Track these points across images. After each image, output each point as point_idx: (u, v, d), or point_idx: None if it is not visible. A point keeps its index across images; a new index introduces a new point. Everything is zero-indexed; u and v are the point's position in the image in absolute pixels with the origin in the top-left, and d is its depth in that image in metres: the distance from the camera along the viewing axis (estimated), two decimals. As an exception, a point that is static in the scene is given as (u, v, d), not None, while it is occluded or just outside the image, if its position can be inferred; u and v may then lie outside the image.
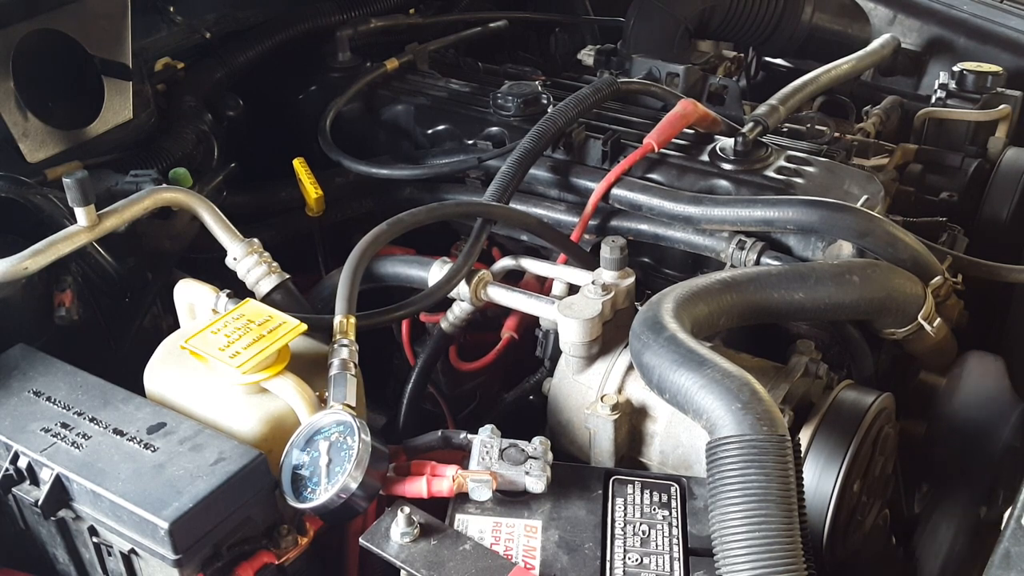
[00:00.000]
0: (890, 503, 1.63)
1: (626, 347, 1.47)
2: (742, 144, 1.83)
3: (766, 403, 1.14)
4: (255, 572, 1.23)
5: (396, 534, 1.20)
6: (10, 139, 1.73)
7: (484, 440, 1.31)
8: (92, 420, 1.29)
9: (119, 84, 1.91)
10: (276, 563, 1.25)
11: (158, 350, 1.44)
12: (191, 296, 1.47)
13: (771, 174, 1.80)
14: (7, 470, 1.27)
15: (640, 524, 1.24)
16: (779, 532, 1.05)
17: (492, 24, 2.68)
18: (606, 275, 1.54)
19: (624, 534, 1.23)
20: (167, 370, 1.40)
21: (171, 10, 2.23)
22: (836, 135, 2.07)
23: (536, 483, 1.27)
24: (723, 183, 1.81)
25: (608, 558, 1.20)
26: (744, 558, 1.04)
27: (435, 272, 1.64)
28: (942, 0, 2.56)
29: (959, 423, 1.64)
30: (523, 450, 1.30)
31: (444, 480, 1.27)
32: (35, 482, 1.27)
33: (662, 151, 1.86)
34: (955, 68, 2.29)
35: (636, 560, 1.19)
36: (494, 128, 2.05)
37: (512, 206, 1.79)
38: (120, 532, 1.21)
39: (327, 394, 1.31)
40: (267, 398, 1.33)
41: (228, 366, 1.29)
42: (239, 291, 1.48)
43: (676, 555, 1.20)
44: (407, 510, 1.20)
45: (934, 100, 2.28)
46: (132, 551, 1.23)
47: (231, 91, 2.24)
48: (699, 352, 1.22)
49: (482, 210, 1.72)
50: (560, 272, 1.66)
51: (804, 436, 1.39)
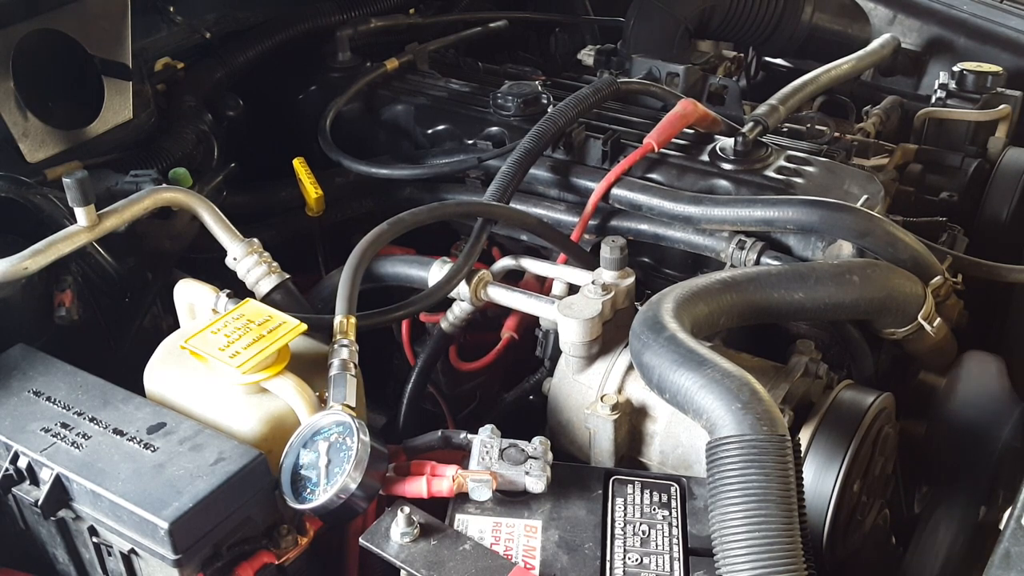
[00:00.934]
0: (890, 503, 1.63)
1: (626, 347, 1.47)
2: (742, 144, 1.83)
3: (766, 403, 1.14)
4: (255, 572, 1.23)
5: (396, 534, 1.20)
6: (10, 139, 1.73)
7: (484, 440, 1.31)
8: (92, 420, 1.29)
9: (119, 84, 1.91)
10: (276, 563, 1.25)
11: (158, 350, 1.44)
12: (191, 296, 1.47)
13: (771, 174, 1.80)
14: (7, 470, 1.27)
15: (640, 524, 1.24)
16: (779, 532, 1.05)
17: (492, 24, 2.68)
18: (606, 275, 1.54)
19: (624, 534, 1.23)
20: (167, 370, 1.40)
21: (171, 10, 2.23)
22: (836, 135, 2.07)
23: (536, 483, 1.27)
24: (723, 183, 1.81)
25: (608, 558, 1.20)
26: (744, 558, 1.04)
27: (435, 272, 1.64)
28: (942, 0, 2.56)
29: (959, 423, 1.63)
30: (523, 450, 1.30)
31: (444, 480, 1.27)
32: (35, 482, 1.27)
33: (662, 151, 1.86)
34: (955, 68, 2.29)
35: (636, 560, 1.19)
36: (494, 128, 2.05)
37: (512, 206, 1.79)
38: (120, 532, 1.21)
39: (327, 394, 1.31)
40: (267, 398, 1.33)
41: (228, 366, 1.29)
42: (239, 291, 1.48)
43: (676, 555, 1.20)
44: (407, 510, 1.20)
45: (934, 100, 2.28)
46: (132, 551, 1.23)
47: (231, 91, 2.24)
48: (699, 352, 1.22)
49: (482, 210, 1.72)
50: (560, 272, 1.66)
51: (804, 436, 1.39)
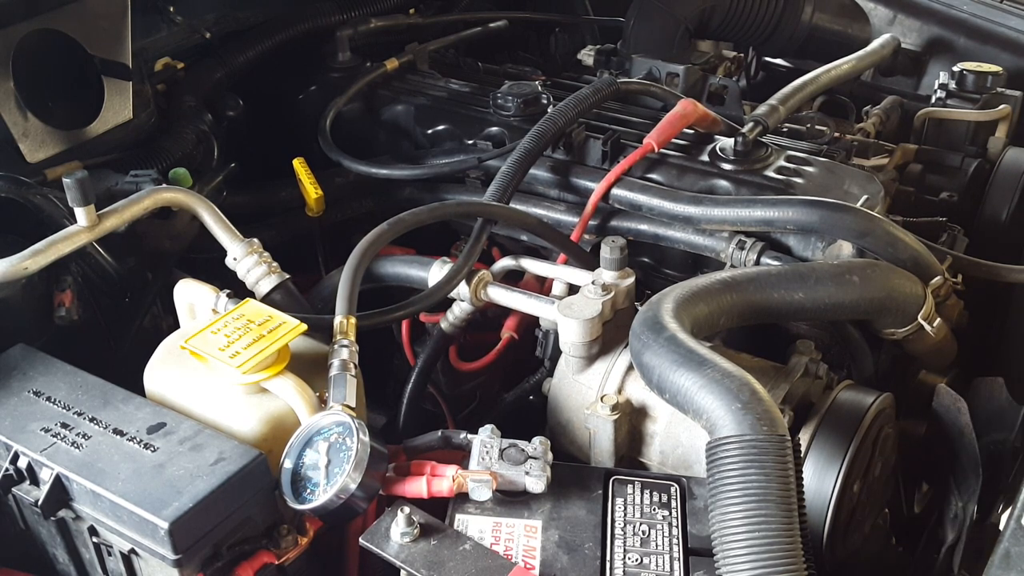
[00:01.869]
0: (890, 503, 1.63)
1: (626, 347, 1.47)
2: (742, 144, 1.83)
3: (766, 403, 1.14)
4: (255, 572, 1.23)
5: (396, 534, 1.20)
6: (10, 139, 1.73)
7: (484, 440, 1.31)
8: (92, 420, 1.29)
9: (119, 84, 1.91)
10: (276, 563, 1.25)
11: (158, 350, 1.44)
12: (191, 296, 1.47)
13: (771, 174, 1.80)
14: (7, 470, 1.27)
15: (640, 524, 1.24)
16: (779, 532, 1.05)
17: (492, 24, 2.68)
18: (606, 275, 1.54)
19: (624, 534, 1.23)
20: (167, 370, 1.40)
21: (171, 10, 2.23)
22: (836, 135, 2.07)
23: (536, 483, 1.27)
24: (723, 183, 1.81)
25: (608, 558, 1.20)
26: (744, 558, 1.04)
27: (435, 272, 1.64)
28: (942, 0, 2.56)
29: (959, 424, 1.63)
30: (523, 450, 1.30)
31: (444, 480, 1.27)
32: (35, 482, 1.27)
33: (662, 151, 1.86)
34: (955, 68, 2.29)
35: (636, 560, 1.19)
36: (494, 128, 2.05)
37: (512, 206, 1.79)
38: (120, 532, 1.21)
39: (327, 394, 1.31)
40: (267, 398, 1.33)
41: (228, 366, 1.29)
42: (239, 291, 1.48)
43: (676, 555, 1.20)
44: (407, 510, 1.20)
45: (934, 100, 2.27)
46: (132, 551, 1.23)
47: (231, 91, 2.24)
48: (699, 352, 1.22)
49: (482, 210, 1.72)
50: (560, 272, 1.66)
51: (804, 436, 1.39)
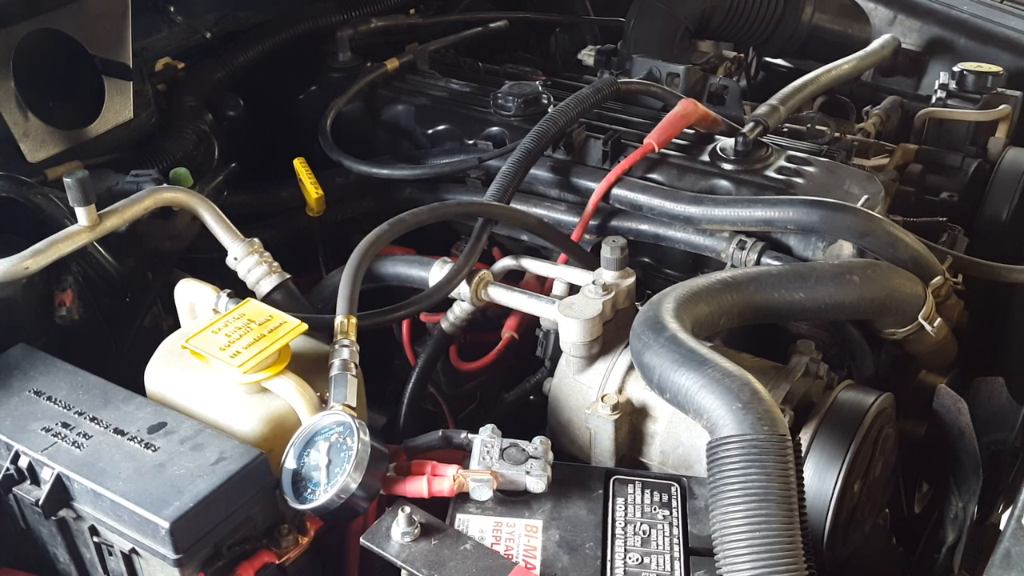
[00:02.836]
0: (890, 503, 1.63)
1: (626, 347, 1.47)
2: (742, 144, 1.83)
3: (767, 403, 1.15)
4: (256, 572, 1.23)
5: (397, 534, 1.20)
6: (10, 139, 1.73)
7: (485, 440, 1.31)
8: (93, 420, 1.29)
9: (119, 84, 1.91)
10: (277, 563, 1.25)
11: (158, 350, 1.44)
12: (192, 296, 1.47)
13: (771, 174, 1.80)
14: (8, 470, 1.27)
15: (641, 524, 1.24)
16: (779, 532, 1.05)
17: (492, 24, 2.68)
18: (606, 275, 1.54)
19: (625, 534, 1.23)
20: (168, 370, 1.40)
21: (171, 10, 2.23)
22: (836, 135, 2.07)
23: (537, 483, 1.27)
24: (723, 183, 1.81)
25: (609, 558, 1.20)
26: (745, 558, 1.04)
27: (436, 272, 1.64)
28: (942, 0, 2.56)
29: (959, 424, 1.63)
30: (524, 450, 1.30)
31: (445, 480, 1.27)
32: (36, 482, 1.27)
33: (662, 151, 1.86)
34: (955, 68, 2.29)
35: (637, 560, 1.19)
36: (494, 128, 2.05)
37: (513, 206, 1.79)
38: (121, 532, 1.21)
39: (328, 394, 1.31)
40: (268, 398, 1.33)
41: (229, 366, 1.29)
42: (240, 291, 1.48)
43: (677, 555, 1.20)
44: (408, 510, 1.20)
45: (934, 100, 2.28)
46: (133, 551, 1.23)
47: (231, 91, 2.24)
48: (700, 352, 1.22)
49: (483, 210, 1.72)
50: (560, 272, 1.66)
51: (804, 436, 1.39)
